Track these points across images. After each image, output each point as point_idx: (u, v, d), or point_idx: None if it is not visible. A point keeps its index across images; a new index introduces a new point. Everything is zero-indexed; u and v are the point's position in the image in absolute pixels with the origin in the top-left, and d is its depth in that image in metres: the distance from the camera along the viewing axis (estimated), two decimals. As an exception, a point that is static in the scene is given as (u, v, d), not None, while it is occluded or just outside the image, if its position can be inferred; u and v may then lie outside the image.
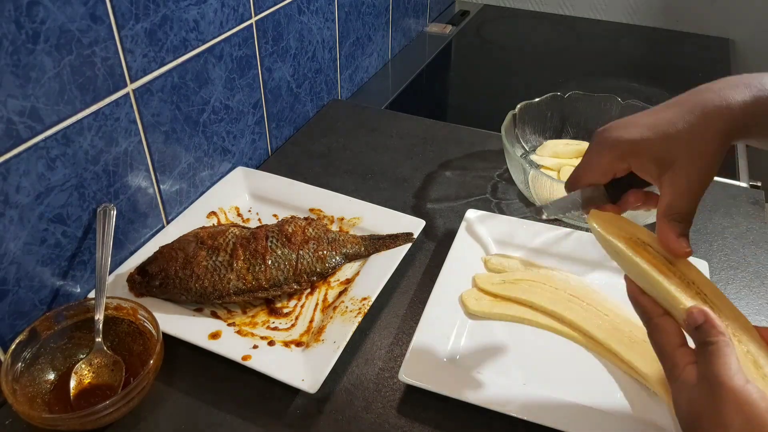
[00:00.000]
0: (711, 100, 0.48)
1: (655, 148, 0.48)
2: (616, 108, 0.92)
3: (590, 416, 0.57)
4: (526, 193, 0.81)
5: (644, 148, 0.48)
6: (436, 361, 0.62)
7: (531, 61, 1.43)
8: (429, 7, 1.53)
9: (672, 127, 0.48)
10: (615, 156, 0.50)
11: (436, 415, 0.59)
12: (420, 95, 1.26)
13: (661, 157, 0.48)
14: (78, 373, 0.60)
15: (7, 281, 0.59)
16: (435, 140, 1.00)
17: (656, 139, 0.48)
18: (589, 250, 0.75)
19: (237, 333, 0.65)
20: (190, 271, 0.66)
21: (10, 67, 0.54)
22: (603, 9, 1.64)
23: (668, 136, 0.47)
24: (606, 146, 0.51)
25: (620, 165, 0.50)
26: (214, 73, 0.80)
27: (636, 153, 0.49)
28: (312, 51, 1.02)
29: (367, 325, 0.68)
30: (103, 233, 0.66)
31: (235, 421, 0.58)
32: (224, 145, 0.86)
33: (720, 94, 0.48)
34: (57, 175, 0.61)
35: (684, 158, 0.47)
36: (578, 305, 0.67)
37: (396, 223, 0.78)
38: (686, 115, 0.48)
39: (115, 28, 0.63)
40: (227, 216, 0.82)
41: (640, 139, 0.49)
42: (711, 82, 0.51)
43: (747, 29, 1.52)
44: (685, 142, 0.47)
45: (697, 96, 0.50)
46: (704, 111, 0.48)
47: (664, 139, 0.48)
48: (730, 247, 0.79)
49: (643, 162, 0.49)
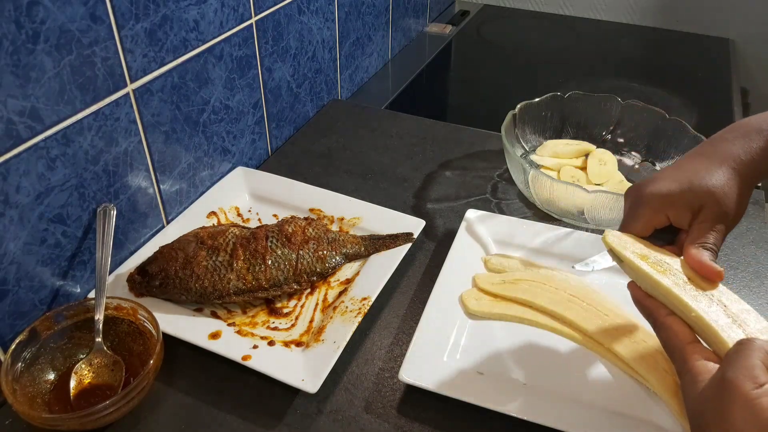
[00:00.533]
0: (729, 150, 0.54)
1: (686, 197, 0.53)
2: (616, 108, 0.92)
3: (590, 416, 0.57)
4: (526, 193, 0.81)
5: (679, 199, 0.54)
6: (436, 361, 0.62)
7: (531, 61, 1.43)
8: (429, 7, 1.53)
9: (699, 178, 0.53)
10: (652, 210, 0.55)
11: (436, 415, 0.59)
12: (420, 95, 1.26)
13: (693, 205, 0.53)
14: (78, 373, 0.60)
15: (7, 281, 0.59)
16: (435, 140, 1.00)
17: (686, 190, 0.53)
18: (589, 250, 0.75)
19: (237, 333, 0.65)
20: (190, 271, 0.66)
21: (10, 67, 0.54)
22: (603, 9, 1.64)
23: (696, 186, 0.53)
24: (642, 202, 0.56)
25: (659, 218, 0.55)
26: (214, 73, 0.80)
27: (671, 204, 0.54)
28: (312, 51, 1.02)
29: (367, 325, 0.68)
30: (103, 233, 0.66)
31: (235, 421, 0.58)
32: (224, 145, 0.86)
33: (737, 144, 0.55)
34: (57, 175, 0.61)
35: (712, 203, 0.52)
36: (578, 305, 0.67)
37: (396, 223, 0.78)
38: (710, 166, 0.54)
39: (115, 28, 0.63)
40: (227, 216, 0.82)
41: (672, 191, 0.54)
42: (724, 131, 0.57)
43: (747, 29, 1.52)
44: (712, 190, 0.52)
45: (717, 147, 0.56)
46: (725, 161, 0.54)
47: (696, 190, 0.53)
48: (730, 247, 0.79)
49: (678, 212, 0.54)
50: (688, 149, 0.83)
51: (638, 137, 0.91)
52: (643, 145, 0.91)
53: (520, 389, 0.60)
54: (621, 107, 0.92)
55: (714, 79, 1.33)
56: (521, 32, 1.60)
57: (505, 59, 1.44)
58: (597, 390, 0.60)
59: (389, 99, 1.21)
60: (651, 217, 0.55)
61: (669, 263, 0.53)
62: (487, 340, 0.65)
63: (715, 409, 0.41)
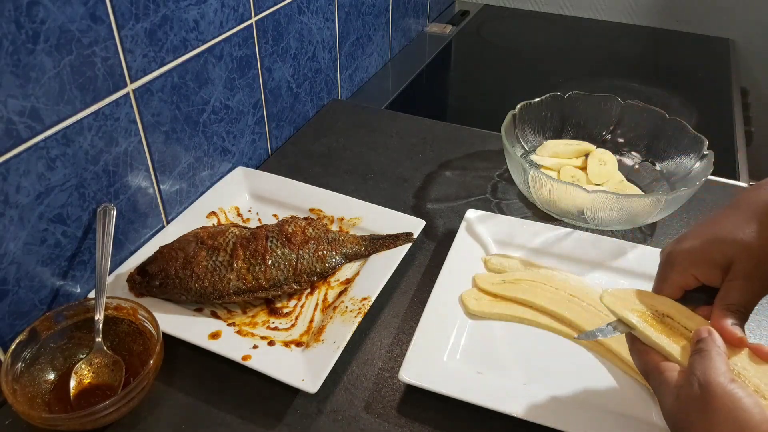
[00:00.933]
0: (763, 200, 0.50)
1: (712, 253, 0.49)
2: (616, 108, 0.92)
3: (590, 416, 0.57)
4: (526, 193, 0.81)
5: (701, 255, 0.50)
6: (436, 361, 0.62)
7: (531, 61, 1.43)
8: (429, 7, 1.53)
9: (726, 231, 0.49)
10: (677, 270, 0.51)
11: (436, 415, 0.59)
12: (420, 95, 1.26)
13: (719, 261, 0.49)
14: (78, 373, 0.60)
15: (7, 281, 0.59)
16: (435, 140, 1.00)
17: (710, 246, 0.50)
18: (589, 250, 0.75)
19: (237, 333, 0.65)
20: (190, 271, 0.66)
21: (10, 67, 0.54)
22: (603, 9, 1.64)
23: (722, 240, 0.49)
24: (668, 262, 0.52)
25: (685, 278, 0.51)
26: (214, 73, 0.80)
27: (695, 262, 0.50)
28: (312, 51, 1.02)
29: (367, 325, 0.68)
30: (103, 233, 0.66)
31: (235, 421, 0.58)
32: (224, 145, 0.86)
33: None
34: (57, 175, 0.61)
35: (741, 258, 0.48)
36: (578, 305, 0.67)
37: (396, 223, 0.78)
38: (740, 218, 0.50)
39: (115, 28, 0.63)
40: (227, 216, 0.82)
41: (694, 248, 0.50)
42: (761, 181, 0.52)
43: (747, 29, 1.52)
44: (740, 244, 0.48)
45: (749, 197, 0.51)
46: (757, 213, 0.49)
47: (720, 244, 0.49)
48: (730, 247, 0.79)
49: (704, 270, 0.50)
50: (688, 149, 0.83)
51: (638, 137, 0.91)
52: (643, 145, 0.91)
53: (520, 389, 0.60)
54: (621, 107, 0.92)
55: (714, 79, 1.33)
56: (521, 32, 1.60)
57: (505, 59, 1.44)
58: (597, 390, 0.60)
59: (389, 99, 1.21)
60: (677, 278, 0.51)
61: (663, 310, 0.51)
62: (487, 340, 0.65)
63: (697, 409, 0.42)
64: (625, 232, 0.81)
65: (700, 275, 0.50)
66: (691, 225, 0.83)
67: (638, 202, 0.73)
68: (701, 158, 0.80)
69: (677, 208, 0.77)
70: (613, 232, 0.80)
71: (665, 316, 0.51)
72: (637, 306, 0.52)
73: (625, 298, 0.53)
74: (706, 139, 0.81)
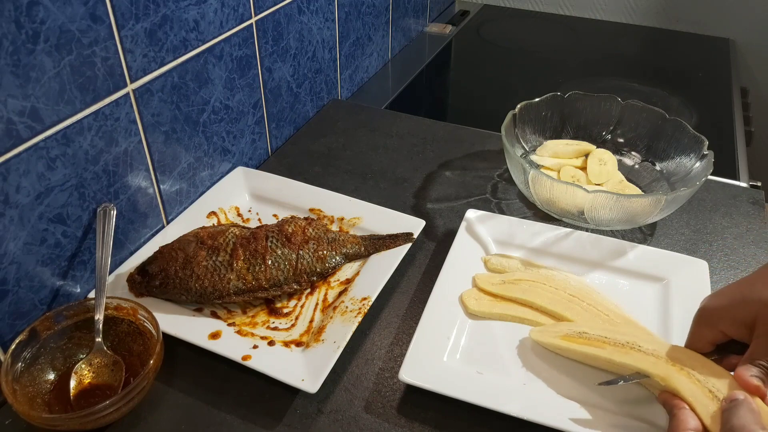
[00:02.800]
0: None
1: (735, 311, 0.52)
2: (616, 108, 0.92)
3: (590, 416, 0.57)
4: (526, 193, 0.81)
5: (727, 313, 0.53)
6: (436, 361, 0.62)
7: (531, 61, 1.43)
8: (429, 7, 1.53)
9: (753, 290, 0.52)
10: (706, 326, 0.55)
11: (436, 415, 0.59)
12: (420, 95, 1.26)
13: (745, 319, 0.51)
14: (78, 373, 0.60)
15: (7, 281, 0.59)
16: (435, 140, 1.00)
17: (736, 304, 0.52)
18: (589, 250, 0.75)
19: (237, 333, 0.65)
20: (190, 271, 0.66)
21: (10, 67, 0.54)
22: (603, 9, 1.64)
23: (748, 298, 0.51)
24: (699, 319, 0.56)
25: (713, 334, 0.54)
26: (214, 73, 0.80)
27: (720, 319, 0.53)
28: (312, 51, 1.02)
29: (367, 325, 0.68)
30: (103, 233, 0.66)
31: (235, 421, 0.58)
32: (224, 145, 0.86)
33: None
34: (57, 175, 0.61)
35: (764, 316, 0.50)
36: (578, 305, 0.67)
37: (396, 223, 0.78)
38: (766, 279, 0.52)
39: (115, 28, 0.63)
40: (227, 216, 0.82)
41: (722, 305, 0.53)
42: None
43: (747, 29, 1.52)
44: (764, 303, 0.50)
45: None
46: None
47: (745, 302, 0.51)
48: (730, 247, 0.79)
49: (730, 326, 0.53)
50: (688, 149, 0.83)
51: (638, 137, 0.91)
52: (643, 145, 0.91)
53: (520, 389, 0.60)
54: (621, 107, 0.92)
55: (714, 79, 1.33)
56: (521, 32, 1.60)
57: (505, 59, 1.44)
58: (597, 390, 0.60)
59: (389, 99, 1.21)
60: (705, 333, 0.55)
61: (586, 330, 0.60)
62: (487, 340, 0.65)
63: None
64: (625, 232, 0.81)
65: (728, 331, 0.53)
66: (691, 226, 0.83)
67: (638, 202, 0.73)
68: (701, 158, 0.80)
69: (677, 208, 0.77)
70: (613, 232, 0.80)
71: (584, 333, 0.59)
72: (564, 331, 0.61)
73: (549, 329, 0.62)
74: (706, 139, 0.81)
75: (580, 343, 0.59)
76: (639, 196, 0.78)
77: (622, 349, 0.58)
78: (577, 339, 0.60)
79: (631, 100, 0.92)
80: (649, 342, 0.58)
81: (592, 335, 0.60)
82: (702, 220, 0.84)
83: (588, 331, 0.60)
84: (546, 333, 0.63)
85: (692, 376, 0.53)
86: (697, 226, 0.83)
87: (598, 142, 0.93)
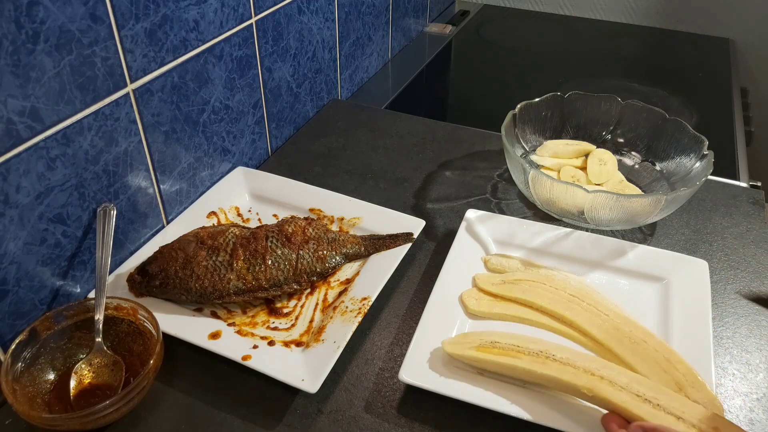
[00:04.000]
0: None
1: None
2: (616, 108, 0.92)
3: (590, 416, 0.56)
4: (526, 193, 0.81)
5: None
6: (436, 361, 0.62)
7: (531, 61, 1.43)
8: (429, 7, 1.53)
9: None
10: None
11: (436, 415, 0.59)
12: (420, 95, 1.26)
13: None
14: (78, 373, 0.60)
15: (7, 281, 0.59)
16: (435, 140, 1.00)
17: None
18: (589, 250, 0.75)
19: (237, 333, 0.65)
20: (190, 271, 0.66)
21: (10, 67, 0.54)
22: (603, 9, 1.64)
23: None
24: None
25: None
26: (214, 73, 0.80)
27: None
28: (312, 51, 1.02)
29: (367, 325, 0.68)
30: (103, 233, 0.66)
31: (235, 421, 0.58)
32: (224, 145, 0.86)
33: None
34: (57, 175, 0.61)
35: None
36: (578, 305, 0.67)
37: (396, 223, 0.78)
38: None
39: (115, 28, 0.63)
40: (227, 216, 0.82)
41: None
42: None
43: (747, 29, 1.52)
44: None
45: None
46: None
47: None
48: (730, 247, 0.79)
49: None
50: (687, 149, 0.83)
51: (638, 137, 0.91)
52: (643, 145, 0.91)
53: (520, 389, 0.60)
54: (621, 107, 0.92)
55: (714, 79, 1.33)
56: (521, 32, 1.60)
57: (505, 59, 1.44)
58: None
59: (389, 99, 1.21)
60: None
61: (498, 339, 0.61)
62: (487, 340, 0.65)
63: None
64: (625, 232, 0.81)
65: None
66: (691, 226, 0.83)
67: (638, 202, 0.73)
68: (701, 158, 0.80)
69: (677, 208, 0.77)
70: (613, 232, 0.80)
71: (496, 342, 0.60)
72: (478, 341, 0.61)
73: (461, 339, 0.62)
74: (706, 139, 0.81)
75: (495, 354, 0.59)
76: (639, 196, 0.78)
77: (538, 358, 0.58)
78: (491, 349, 0.59)
79: (631, 100, 0.92)
80: (558, 350, 0.58)
81: (504, 344, 0.59)
82: (702, 220, 0.84)
83: (500, 340, 0.60)
84: (460, 345, 0.61)
85: (615, 385, 0.54)
86: (697, 226, 0.83)
87: (598, 142, 0.93)
